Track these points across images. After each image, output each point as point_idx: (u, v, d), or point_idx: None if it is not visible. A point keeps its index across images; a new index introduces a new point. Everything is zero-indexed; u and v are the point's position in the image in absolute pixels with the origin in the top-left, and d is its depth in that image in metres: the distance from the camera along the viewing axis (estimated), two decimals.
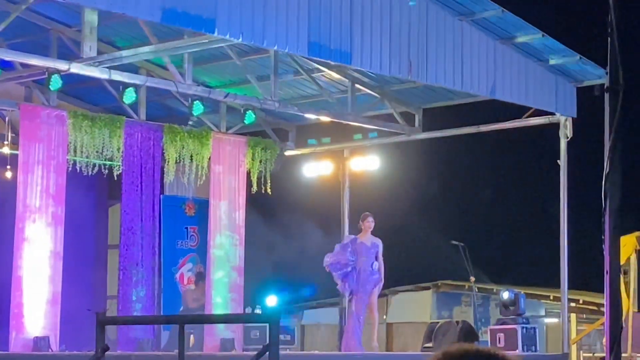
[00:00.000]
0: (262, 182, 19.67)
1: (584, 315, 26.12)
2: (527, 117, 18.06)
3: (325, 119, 18.88)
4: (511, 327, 17.46)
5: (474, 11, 15.93)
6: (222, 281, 18.95)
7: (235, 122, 19.33)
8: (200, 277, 19.38)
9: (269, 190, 19.71)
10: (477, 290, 19.97)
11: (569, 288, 17.80)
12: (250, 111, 17.73)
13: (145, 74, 17.75)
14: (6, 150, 17.04)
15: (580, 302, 24.95)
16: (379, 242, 17.34)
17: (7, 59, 14.97)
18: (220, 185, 19.14)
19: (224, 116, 19.78)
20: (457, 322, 18.13)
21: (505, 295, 17.92)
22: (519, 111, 17.93)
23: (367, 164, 20.64)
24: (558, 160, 17.65)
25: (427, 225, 27.53)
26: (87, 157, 17.57)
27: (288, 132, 20.90)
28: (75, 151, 17.37)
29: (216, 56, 18.10)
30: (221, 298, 18.86)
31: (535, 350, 17.44)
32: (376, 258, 17.23)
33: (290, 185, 21.26)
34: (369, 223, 17.33)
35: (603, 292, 6.49)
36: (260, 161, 19.74)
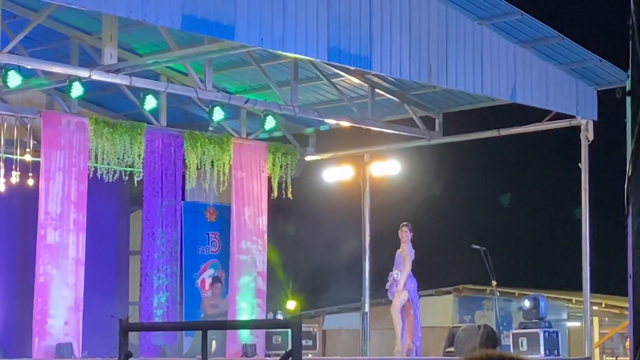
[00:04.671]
0: (283, 187, 19.70)
1: (607, 319, 26.01)
2: (547, 121, 18.00)
3: (345, 124, 18.87)
4: (533, 331, 17.40)
5: (493, 15, 15.90)
6: (249, 286, 18.98)
7: (255, 127, 19.35)
8: (217, 283, 19.38)
9: (289, 196, 19.72)
10: (498, 294, 19.88)
11: (591, 291, 17.74)
12: (270, 116, 17.73)
13: (166, 80, 17.80)
14: (28, 157, 17.08)
15: (603, 305, 24.85)
16: (400, 251, 17.51)
17: (28, 66, 15.02)
18: (243, 191, 19.17)
19: (244, 122, 19.80)
20: (479, 327, 18.05)
21: (527, 303, 17.92)
22: (539, 114, 17.87)
23: (388, 168, 20.60)
24: (579, 164, 17.60)
25: (448, 229, 27.49)
26: (108, 164, 17.61)
27: (308, 138, 20.89)
28: (96, 158, 17.43)
29: (236, 62, 18.13)
30: (247, 303, 18.88)
31: (558, 354, 17.38)
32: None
33: (311, 190, 21.25)
34: (400, 232, 17.48)
35: (626, 296, 6.46)
36: (281, 166, 19.77)
